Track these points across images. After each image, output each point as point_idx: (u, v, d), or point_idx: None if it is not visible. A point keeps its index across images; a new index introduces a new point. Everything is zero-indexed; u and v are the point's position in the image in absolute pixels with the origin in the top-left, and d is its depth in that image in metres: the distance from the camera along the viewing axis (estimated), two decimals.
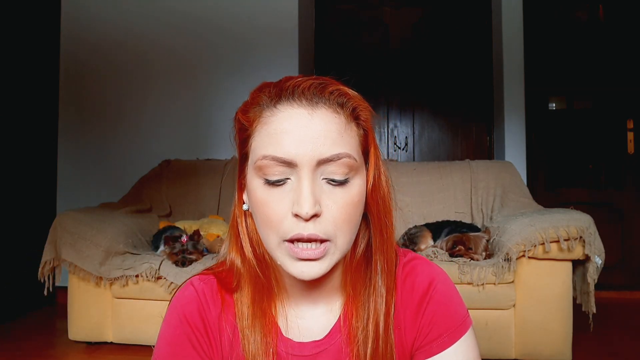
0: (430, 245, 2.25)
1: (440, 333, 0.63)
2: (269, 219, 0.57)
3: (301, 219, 0.55)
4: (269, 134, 0.57)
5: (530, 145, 3.24)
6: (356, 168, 0.58)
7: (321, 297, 0.66)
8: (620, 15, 3.25)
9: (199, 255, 2.11)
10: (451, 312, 0.64)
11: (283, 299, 0.66)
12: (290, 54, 3.16)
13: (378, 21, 3.65)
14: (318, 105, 0.57)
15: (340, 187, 0.57)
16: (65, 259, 2.13)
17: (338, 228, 0.56)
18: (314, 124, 0.56)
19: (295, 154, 0.55)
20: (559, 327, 1.91)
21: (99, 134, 3.21)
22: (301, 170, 0.55)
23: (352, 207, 0.58)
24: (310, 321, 0.66)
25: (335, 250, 0.57)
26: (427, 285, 0.65)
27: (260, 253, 0.64)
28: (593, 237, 1.87)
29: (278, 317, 0.66)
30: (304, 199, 0.54)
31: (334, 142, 0.56)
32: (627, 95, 3.21)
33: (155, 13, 3.23)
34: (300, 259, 0.56)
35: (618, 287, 3.08)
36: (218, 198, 2.74)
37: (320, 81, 0.59)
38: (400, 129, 3.62)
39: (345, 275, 0.65)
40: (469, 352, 0.64)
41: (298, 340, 0.65)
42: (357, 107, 0.60)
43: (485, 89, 3.52)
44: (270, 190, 0.57)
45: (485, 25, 3.54)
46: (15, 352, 2.11)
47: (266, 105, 0.59)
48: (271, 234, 0.58)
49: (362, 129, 0.61)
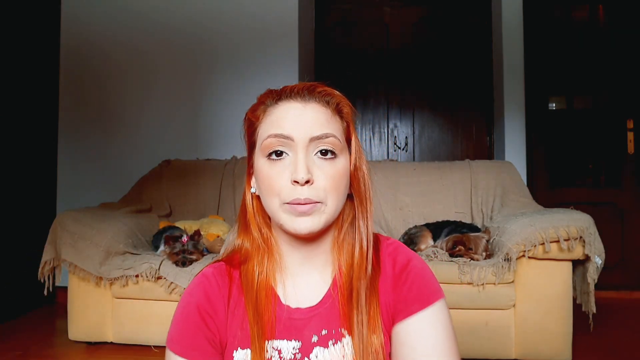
0: (430, 245, 2.25)
1: (415, 298, 0.73)
2: (272, 188, 0.70)
3: (298, 185, 0.68)
4: (271, 121, 0.72)
5: (530, 145, 3.23)
6: (340, 149, 0.72)
7: (315, 267, 0.77)
8: (620, 15, 3.25)
9: (199, 255, 2.11)
10: (425, 283, 0.75)
11: (282, 269, 0.78)
12: (290, 53, 3.16)
13: (378, 21, 3.65)
14: (310, 101, 0.72)
15: (328, 162, 0.71)
16: (65, 259, 2.13)
17: (328, 193, 0.70)
18: (306, 113, 0.71)
19: (292, 132, 0.70)
20: (559, 327, 1.91)
21: (99, 134, 3.21)
22: (297, 146, 0.70)
23: (338, 178, 0.71)
24: (306, 289, 0.77)
25: (325, 209, 0.70)
26: (407, 262, 0.77)
27: (265, 232, 0.78)
28: (593, 237, 1.87)
29: (277, 287, 0.77)
30: (300, 168, 0.68)
31: (322, 125, 0.71)
32: (627, 95, 3.21)
33: (155, 13, 3.23)
34: (298, 212, 0.68)
35: (618, 287, 3.08)
36: (218, 198, 2.74)
37: (311, 84, 0.74)
38: (400, 129, 3.62)
39: (335, 242, 0.78)
40: (440, 317, 0.73)
41: (295, 306, 0.76)
42: (340, 103, 0.75)
43: (485, 89, 3.52)
44: (273, 164, 0.71)
45: (485, 25, 3.54)
46: (15, 352, 2.11)
47: (269, 103, 0.74)
48: (274, 199, 0.71)
49: (344, 121, 0.76)
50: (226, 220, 2.57)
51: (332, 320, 0.74)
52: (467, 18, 3.58)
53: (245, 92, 3.15)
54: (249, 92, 3.14)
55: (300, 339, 0.74)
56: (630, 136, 3.21)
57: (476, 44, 3.55)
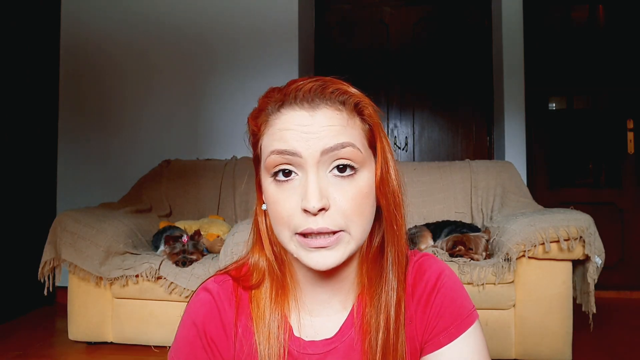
0: (430, 245, 2.25)
1: (447, 325, 0.64)
2: (280, 216, 0.59)
3: (310, 214, 0.56)
4: (274, 134, 0.60)
5: (530, 145, 3.23)
6: (362, 160, 0.59)
7: (335, 295, 0.67)
8: (620, 15, 3.25)
9: (199, 255, 2.11)
10: (458, 304, 0.66)
11: (297, 297, 0.68)
12: (290, 53, 3.16)
13: (378, 21, 3.65)
14: (319, 106, 0.59)
15: (348, 180, 0.58)
16: (65, 259, 2.13)
17: (349, 219, 0.58)
18: (316, 122, 0.58)
19: (298, 146, 0.57)
20: (559, 327, 1.91)
21: (99, 134, 3.21)
22: (306, 164, 0.57)
23: (360, 199, 0.59)
24: (323, 319, 0.67)
25: (350, 239, 0.59)
26: (435, 279, 0.66)
27: (278, 251, 0.67)
28: (593, 237, 1.87)
29: (291, 316, 0.67)
30: (311, 194, 0.56)
31: (337, 133, 0.58)
32: (627, 95, 3.21)
33: (155, 13, 3.23)
34: (313, 247, 0.57)
35: (618, 287, 3.08)
36: (218, 198, 2.74)
37: (321, 82, 0.61)
38: (400, 129, 3.62)
39: (361, 267, 0.66)
40: (476, 344, 0.65)
41: (309, 339, 0.66)
42: (359, 103, 0.62)
43: (485, 89, 3.52)
44: (280, 187, 0.59)
45: (485, 25, 3.54)
46: (15, 352, 2.11)
47: (271, 110, 0.61)
48: (284, 229, 0.60)
49: (367, 124, 0.62)
50: (226, 220, 2.57)
51: (352, 357, 0.65)
52: (467, 18, 3.58)
53: (245, 92, 3.15)
54: (249, 92, 3.18)
55: None
56: (630, 136, 3.21)
57: (476, 43, 3.55)
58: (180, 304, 2.08)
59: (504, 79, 3.21)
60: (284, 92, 0.61)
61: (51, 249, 2.17)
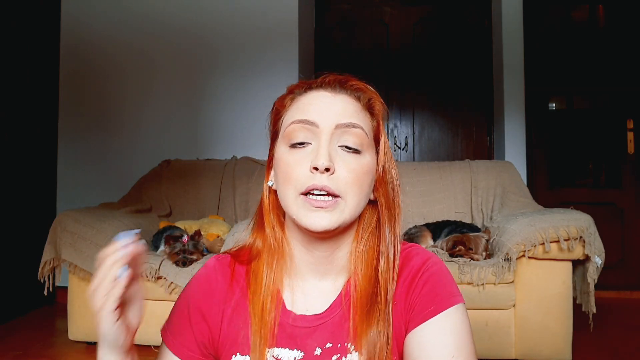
0: (430, 245, 2.25)
1: (427, 304, 0.67)
2: (289, 176, 0.65)
3: (317, 172, 0.63)
4: (298, 107, 0.69)
5: (530, 145, 3.23)
6: (367, 144, 0.68)
7: (328, 273, 0.72)
8: (620, 15, 3.25)
9: (199, 255, 2.11)
10: (440, 286, 0.69)
11: (292, 273, 0.72)
12: (290, 53, 3.16)
13: (378, 21, 3.65)
14: (340, 92, 0.69)
15: (353, 155, 0.66)
16: (65, 259, 2.13)
17: (348, 187, 0.65)
18: (335, 102, 0.68)
19: (318, 118, 0.66)
20: (559, 327, 1.91)
21: (99, 134, 3.20)
22: (321, 133, 0.65)
23: (361, 173, 0.66)
24: (315, 296, 0.72)
25: (344, 207, 0.65)
26: (421, 264, 0.70)
27: (277, 231, 0.73)
28: (593, 237, 1.87)
29: (284, 291, 0.72)
30: (321, 154, 0.63)
31: (351, 115, 0.67)
32: (627, 95, 3.21)
33: (155, 13, 3.23)
34: (313, 207, 0.63)
35: (618, 287, 3.08)
36: (218, 198, 2.74)
37: (344, 77, 0.71)
38: (400, 129, 3.62)
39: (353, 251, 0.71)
40: (455, 325, 0.66)
41: (300, 313, 0.71)
42: (372, 99, 0.71)
43: (485, 89, 3.52)
44: (294, 152, 0.66)
45: (485, 25, 3.54)
46: (15, 352, 2.11)
47: (298, 92, 0.71)
48: (289, 188, 0.66)
49: (375, 119, 0.71)
50: (226, 220, 2.57)
51: (339, 333, 0.69)
52: (467, 18, 3.58)
53: (246, 92, 3.15)
54: (249, 92, 3.18)
55: (303, 349, 0.68)
56: (630, 136, 3.21)
57: (476, 43, 3.55)
58: None
59: (504, 79, 3.21)
60: (312, 81, 0.71)
61: (51, 249, 2.17)
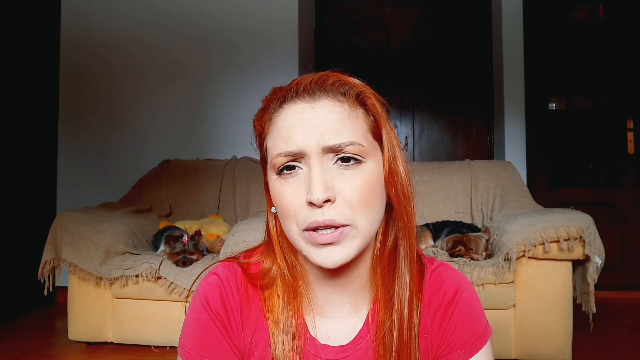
0: (430, 245, 2.25)
1: (462, 343, 0.64)
2: (287, 210, 0.58)
3: (315, 206, 0.55)
4: (277, 132, 0.60)
5: (530, 145, 3.23)
6: (367, 152, 0.58)
7: (346, 296, 0.65)
8: (620, 15, 3.25)
9: (199, 255, 2.11)
10: (474, 321, 0.65)
11: (310, 300, 0.66)
12: (290, 53, 3.16)
13: (378, 21, 3.65)
14: (320, 98, 0.59)
15: (353, 169, 0.57)
16: (65, 259, 2.13)
17: (356, 210, 0.56)
18: (316, 114, 0.58)
19: (302, 144, 0.57)
20: (559, 327, 1.91)
21: (99, 134, 3.20)
22: (310, 159, 0.57)
23: (367, 188, 0.57)
24: (335, 321, 0.66)
25: (356, 233, 0.57)
26: (454, 292, 0.65)
27: (290, 258, 0.66)
28: (593, 237, 1.87)
29: (306, 317, 0.66)
30: (315, 186, 0.55)
31: (335, 131, 0.57)
32: (627, 95, 3.21)
33: (155, 15, 3.22)
34: (320, 244, 0.56)
35: (618, 287, 3.08)
36: (218, 198, 2.74)
37: (321, 75, 0.61)
38: (400, 129, 3.62)
39: (375, 269, 0.64)
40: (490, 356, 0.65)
41: (324, 342, 0.65)
42: (361, 93, 0.61)
43: (485, 89, 3.52)
44: (284, 182, 0.59)
45: (485, 25, 3.54)
46: (15, 352, 2.11)
47: (274, 108, 0.62)
48: (291, 225, 0.59)
49: (371, 115, 0.61)
50: (226, 220, 2.57)
51: None
52: (467, 18, 3.58)
53: (245, 92, 3.15)
54: (249, 92, 3.18)
55: None
56: (630, 136, 3.20)
57: (476, 44, 3.55)
58: (180, 304, 2.08)
59: (504, 79, 3.21)
60: (286, 88, 0.62)
61: (51, 249, 2.17)
